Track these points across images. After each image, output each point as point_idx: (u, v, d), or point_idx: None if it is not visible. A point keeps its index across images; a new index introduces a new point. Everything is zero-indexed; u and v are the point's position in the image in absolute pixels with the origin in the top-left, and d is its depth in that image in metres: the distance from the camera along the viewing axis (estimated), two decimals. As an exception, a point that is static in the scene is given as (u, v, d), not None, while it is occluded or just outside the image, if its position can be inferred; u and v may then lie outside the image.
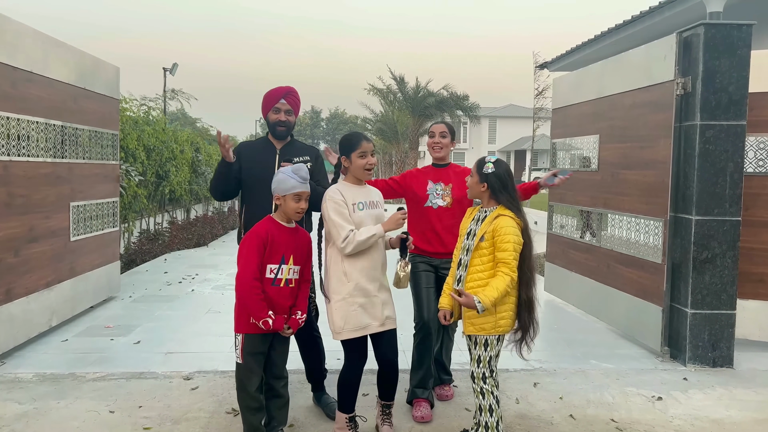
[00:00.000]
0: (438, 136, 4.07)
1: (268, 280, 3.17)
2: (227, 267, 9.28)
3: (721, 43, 4.70)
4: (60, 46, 5.58)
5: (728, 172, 4.76)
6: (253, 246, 3.14)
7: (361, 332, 3.28)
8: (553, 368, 4.79)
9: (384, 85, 29.57)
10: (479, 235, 3.18)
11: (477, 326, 3.18)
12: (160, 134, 10.78)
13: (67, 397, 4.04)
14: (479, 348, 3.20)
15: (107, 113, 6.61)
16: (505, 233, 3.09)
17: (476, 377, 3.21)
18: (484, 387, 3.19)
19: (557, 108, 7.15)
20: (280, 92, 3.84)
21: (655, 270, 5.12)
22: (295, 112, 3.90)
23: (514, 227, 3.12)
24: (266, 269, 3.17)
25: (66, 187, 5.69)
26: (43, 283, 5.28)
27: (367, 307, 3.30)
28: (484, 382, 3.19)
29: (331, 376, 3.94)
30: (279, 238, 3.20)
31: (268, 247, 3.15)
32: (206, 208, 16.27)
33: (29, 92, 5.05)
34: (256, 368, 3.22)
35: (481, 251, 3.17)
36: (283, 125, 3.84)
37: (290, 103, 3.85)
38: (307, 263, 3.38)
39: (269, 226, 3.22)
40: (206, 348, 5.16)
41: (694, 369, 4.83)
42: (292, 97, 3.87)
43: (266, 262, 3.17)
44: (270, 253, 3.17)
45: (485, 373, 3.19)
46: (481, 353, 3.20)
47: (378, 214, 3.43)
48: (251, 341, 3.17)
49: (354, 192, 3.37)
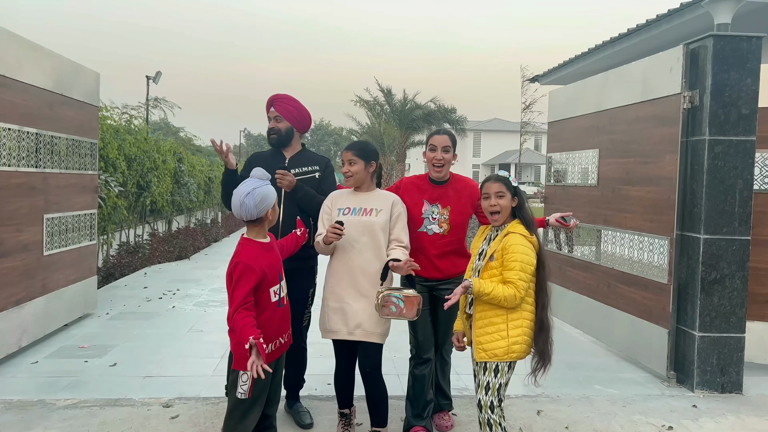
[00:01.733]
0: (440, 150, 3.55)
1: (274, 304, 2.91)
2: (210, 282, 8.94)
3: (731, 55, 4.53)
4: (36, 49, 5.28)
5: (737, 189, 4.58)
6: (248, 280, 2.77)
7: (330, 335, 3.38)
8: (556, 394, 4.54)
9: (371, 97, 29.36)
10: (489, 255, 2.97)
11: (489, 352, 2.94)
12: (141, 144, 10.43)
13: (34, 427, 3.71)
14: (488, 374, 2.96)
15: (86, 121, 6.29)
16: (513, 251, 2.88)
17: (483, 406, 2.97)
18: (491, 417, 2.94)
19: (553, 121, 6.96)
20: (269, 102, 3.88)
21: (660, 290, 4.91)
22: (286, 117, 3.82)
23: (524, 245, 2.90)
24: (270, 294, 2.90)
25: (40, 198, 5.36)
26: (12, 301, 4.94)
27: (338, 312, 3.33)
28: (491, 411, 2.95)
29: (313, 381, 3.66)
30: (269, 260, 2.93)
31: (266, 275, 2.86)
32: (188, 219, 15.89)
33: (2, 97, 4.74)
34: (263, 401, 2.94)
35: (491, 271, 2.96)
36: (274, 132, 3.83)
37: (279, 110, 3.81)
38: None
39: (256, 253, 2.89)
40: (188, 371, 4.84)
41: (703, 395, 4.61)
42: (280, 103, 3.83)
43: (268, 288, 2.88)
44: (268, 278, 2.88)
45: (493, 402, 2.95)
46: (490, 380, 2.96)
47: (364, 221, 3.35)
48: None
49: (348, 198, 3.46)
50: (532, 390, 4.55)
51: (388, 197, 3.47)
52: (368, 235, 3.34)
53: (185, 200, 13.77)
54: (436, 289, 3.65)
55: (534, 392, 4.54)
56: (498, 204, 2.99)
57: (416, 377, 3.69)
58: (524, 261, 2.88)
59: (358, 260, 3.31)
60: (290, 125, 3.83)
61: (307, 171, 3.79)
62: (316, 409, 4.06)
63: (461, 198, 3.64)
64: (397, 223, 3.42)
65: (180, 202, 13.53)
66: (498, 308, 2.92)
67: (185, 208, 14.72)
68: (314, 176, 3.81)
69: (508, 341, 2.93)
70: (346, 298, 3.31)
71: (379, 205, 3.40)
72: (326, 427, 3.81)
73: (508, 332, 2.93)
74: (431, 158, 3.60)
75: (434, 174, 3.63)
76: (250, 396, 2.85)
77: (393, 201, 3.45)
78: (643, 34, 7.76)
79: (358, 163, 3.40)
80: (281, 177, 3.57)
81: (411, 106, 27.95)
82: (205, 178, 16.59)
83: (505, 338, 2.93)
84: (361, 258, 3.32)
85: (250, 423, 2.89)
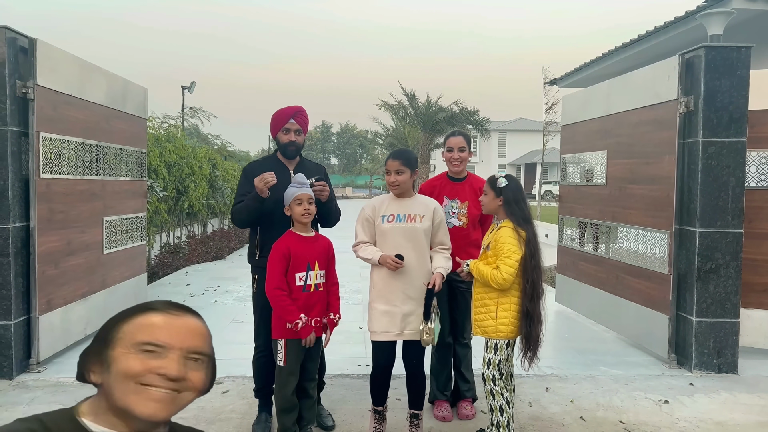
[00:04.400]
0: (456, 151, 4.08)
1: (299, 288, 3.45)
2: (246, 279, 9.47)
3: (722, 64, 4.96)
4: (94, 70, 5.93)
5: (730, 186, 5.00)
6: (274, 259, 3.43)
7: (379, 337, 3.52)
8: (564, 374, 5.01)
9: (395, 101, 30.03)
10: (485, 245, 3.52)
11: (480, 329, 3.48)
12: (180, 151, 11.14)
13: (107, 399, 4.32)
14: (489, 351, 3.46)
15: (136, 132, 6.95)
16: (501, 241, 3.38)
17: (486, 379, 3.45)
18: (493, 388, 3.42)
19: (566, 125, 7.42)
20: (289, 112, 3.85)
21: (662, 280, 5.35)
22: (304, 131, 3.92)
23: (510, 236, 3.37)
24: (295, 278, 3.45)
25: (99, 203, 6.01)
26: (79, 294, 5.59)
27: (387, 315, 3.52)
28: (493, 383, 3.42)
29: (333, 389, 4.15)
30: (301, 249, 3.47)
31: (291, 259, 3.43)
32: (222, 222, 16.63)
33: (69, 114, 5.38)
34: (296, 371, 3.48)
35: (488, 259, 3.47)
36: (294, 145, 3.85)
37: (299, 123, 3.85)
38: (330, 267, 3.63)
39: (289, 239, 3.50)
40: (233, 355, 5.42)
41: (700, 375, 5.04)
42: (301, 117, 3.87)
43: (294, 272, 3.44)
44: (295, 263, 3.44)
45: (494, 375, 3.42)
46: (491, 356, 3.45)
47: (409, 228, 3.53)
48: (292, 345, 3.44)
49: (389, 204, 3.61)
50: (542, 370, 5.04)
51: (429, 203, 3.65)
52: (413, 241, 3.53)
53: (219, 204, 14.49)
54: (455, 282, 4.03)
55: (544, 372, 5.02)
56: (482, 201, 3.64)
57: (438, 357, 4.24)
58: (510, 250, 3.33)
59: (405, 265, 3.48)
60: (304, 139, 3.94)
61: (319, 179, 3.83)
62: (349, 386, 4.61)
63: (477, 194, 4.12)
64: (439, 229, 3.65)
65: (215, 205, 14.25)
66: (492, 291, 3.41)
67: (219, 212, 15.45)
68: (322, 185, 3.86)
69: (495, 321, 3.41)
70: (394, 301, 3.50)
71: (422, 211, 3.58)
72: (357, 401, 4.33)
73: (497, 314, 3.41)
74: (449, 158, 4.15)
75: (453, 170, 4.16)
76: (285, 363, 3.44)
77: (435, 207, 3.64)
78: (652, 40, 8.17)
79: (405, 173, 3.54)
80: (321, 189, 3.70)
81: (434, 109, 28.48)
82: (238, 182, 17.30)
83: (494, 318, 3.42)
84: (408, 263, 3.48)
85: (288, 389, 3.47)
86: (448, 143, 4.19)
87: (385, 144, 34.27)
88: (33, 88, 4.76)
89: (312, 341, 3.46)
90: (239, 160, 19.94)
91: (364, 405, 4.23)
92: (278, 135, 3.87)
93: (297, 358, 3.48)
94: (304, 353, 3.51)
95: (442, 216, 3.67)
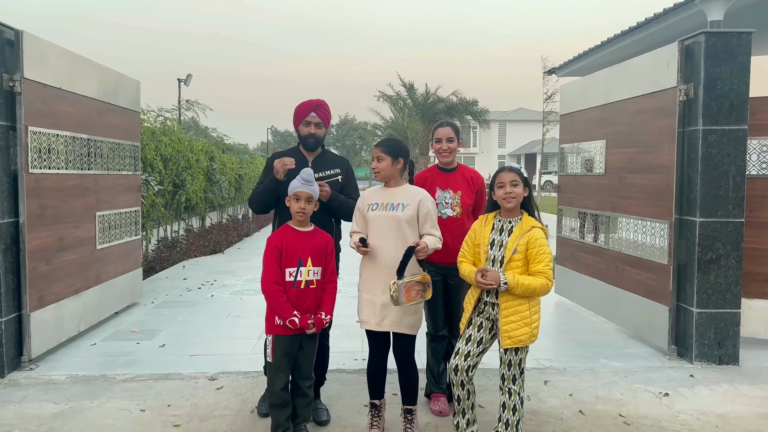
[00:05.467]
0: (445, 141, 4.01)
1: (288, 283, 3.38)
2: (244, 273, 9.50)
3: (722, 50, 4.86)
4: (86, 63, 5.84)
5: (731, 175, 4.92)
6: (267, 253, 3.40)
7: (363, 325, 3.55)
8: (563, 367, 4.95)
9: (394, 92, 29.90)
10: (511, 248, 3.21)
11: (514, 339, 3.20)
12: (176, 144, 11.05)
13: (99, 397, 4.27)
14: (510, 353, 3.27)
15: (129, 126, 6.86)
16: (540, 245, 3.18)
17: (506, 378, 3.30)
18: (512, 387, 3.30)
19: (565, 114, 7.32)
20: (310, 105, 3.93)
21: (662, 271, 5.28)
22: (325, 124, 3.97)
23: (545, 238, 3.23)
24: (285, 273, 3.38)
25: (92, 197, 5.94)
26: (72, 290, 5.52)
27: (369, 304, 3.53)
28: (513, 383, 3.30)
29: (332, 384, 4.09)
30: (294, 243, 3.41)
31: (283, 253, 3.37)
32: (220, 216, 16.55)
33: (60, 108, 5.30)
34: (285, 368, 3.42)
35: (513, 263, 3.20)
36: (314, 137, 3.92)
37: (320, 116, 3.92)
38: (328, 264, 3.54)
39: (284, 233, 3.45)
40: (228, 350, 5.37)
41: (701, 366, 4.98)
42: (322, 110, 3.95)
43: (284, 267, 3.38)
44: (286, 257, 3.38)
45: (515, 374, 3.30)
46: (512, 357, 3.28)
47: (389, 217, 3.48)
48: (281, 342, 3.38)
49: (377, 194, 3.61)
50: (541, 363, 4.98)
51: (416, 193, 3.56)
52: (394, 230, 3.47)
53: (217, 197, 14.41)
54: (450, 276, 3.97)
55: (542, 365, 4.97)
56: (513, 192, 3.25)
57: (434, 350, 4.18)
58: (550, 253, 3.22)
59: (385, 254, 3.45)
60: (325, 132, 3.99)
61: (331, 174, 3.89)
62: (345, 381, 4.55)
63: (469, 183, 4.07)
64: (427, 220, 3.51)
65: (212, 199, 14.17)
66: (522, 297, 3.20)
67: (217, 205, 15.37)
68: (337, 179, 3.92)
69: (531, 327, 3.23)
70: (375, 290, 3.47)
71: (405, 200, 3.51)
72: (353, 396, 4.28)
73: (530, 317, 3.23)
74: (438, 149, 4.07)
75: (442, 161, 4.08)
76: (273, 359, 3.39)
77: (421, 198, 3.53)
78: (652, 27, 8.06)
79: (385, 160, 3.53)
80: (321, 187, 3.66)
81: (433, 100, 28.35)
82: (236, 175, 17.22)
83: (529, 324, 3.22)
84: (388, 252, 3.44)
85: (277, 385, 3.41)
86: (435, 134, 4.12)
87: (384, 135, 34.16)
88: (20, 82, 4.68)
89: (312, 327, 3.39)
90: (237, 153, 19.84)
91: (361, 400, 4.18)
92: (299, 127, 3.95)
93: (285, 355, 3.41)
94: (295, 350, 3.44)
95: (429, 206, 3.53)
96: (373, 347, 3.64)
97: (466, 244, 3.47)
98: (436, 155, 4.12)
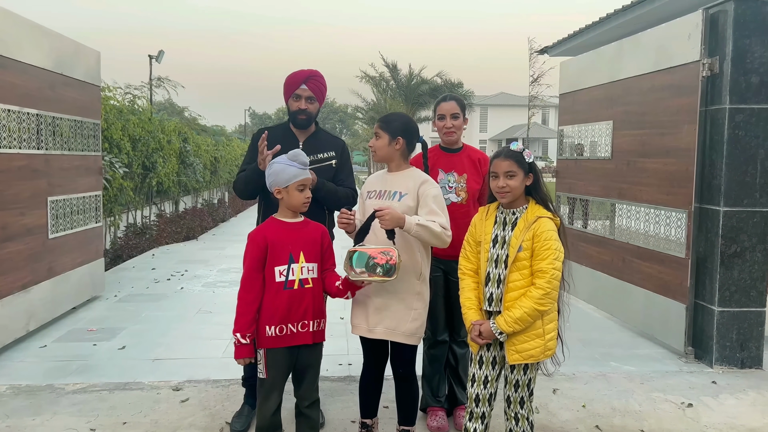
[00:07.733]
0: (449, 118, 3.48)
1: (279, 285, 2.76)
2: (218, 262, 8.89)
3: (753, 20, 4.35)
4: (35, 28, 5.15)
5: (759, 159, 4.43)
6: (247, 253, 2.79)
7: (353, 330, 3.04)
8: (572, 372, 4.45)
9: (377, 73, 29.22)
10: (516, 245, 2.66)
11: (523, 354, 2.67)
12: (146, 124, 10.32)
13: (43, 412, 3.66)
14: (518, 371, 2.75)
15: (88, 101, 6.18)
16: (546, 239, 2.60)
17: (513, 402, 2.79)
18: (519, 412, 2.78)
19: (565, 93, 6.79)
20: (301, 76, 3.37)
21: (678, 265, 4.79)
22: (319, 99, 3.42)
23: (554, 231, 2.65)
24: (274, 273, 2.77)
25: (43, 181, 5.28)
26: (18, 285, 4.88)
27: (360, 306, 2.99)
28: (520, 406, 2.78)
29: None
30: (282, 236, 2.80)
31: (269, 249, 2.76)
32: (195, 200, 15.84)
33: (1, 78, 4.62)
34: (280, 385, 2.83)
35: (519, 263, 2.65)
36: (305, 114, 3.37)
37: (312, 89, 3.37)
38: (326, 258, 2.94)
39: (269, 227, 2.84)
40: (197, 353, 4.79)
41: (722, 371, 4.52)
42: (315, 82, 3.38)
43: (272, 265, 2.77)
44: (274, 254, 2.77)
45: (523, 397, 2.78)
46: (519, 377, 2.76)
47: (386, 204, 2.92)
48: (275, 356, 2.79)
49: (377, 180, 3.12)
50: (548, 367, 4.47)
51: (417, 178, 2.98)
52: None
53: (191, 181, 13.71)
54: (452, 272, 3.38)
55: (549, 370, 4.45)
56: (507, 185, 2.65)
57: (432, 357, 3.63)
58: (557, 248, 2.62)
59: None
60: (319, 107, 3.46)
61: (324, 159, 3.41)
62: (328, 391, 3.99)
63: (476, 165, 3.54)
64: (423, 207, 2.91)
65: (186, 182, 13.46)
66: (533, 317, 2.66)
67: (192, 189, 14.66)
68: (331, 164, 3.44)
69: (544, 339, 2.68)
70: (367, 290, 2.93)
71: (404, 187, 2.96)
72: (338, 410, 3.74)
73: (544, 328, 2.68)
74: (441, 126, 3.53)
75: (446, 140, 3.55)
76: (267, 376, 2.79)
77: (421, 182, 2.95)
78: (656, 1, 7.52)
79: (382, 138, 2.99)
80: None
81: (417, 81, 27.76)
82: (211, 158, 16.49)
83: (542, 336, 2.68)
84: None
85: (271, 404, 2.81)
86: (439, 109, 3.56)
87: (366, 118, 33.44)
88: (-52, 44, 4.00)
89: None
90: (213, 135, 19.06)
91: (348, 414, 3.64)
92: (289, 101, 3.43)
93: (281, 371, 2.81)
94: (293, 364, 2.86)
95: (431, 192, 2.92)
96: (367, 357, 3.12)
97: (467, 243, 2.88)
98: (439, 133, 3.57)
